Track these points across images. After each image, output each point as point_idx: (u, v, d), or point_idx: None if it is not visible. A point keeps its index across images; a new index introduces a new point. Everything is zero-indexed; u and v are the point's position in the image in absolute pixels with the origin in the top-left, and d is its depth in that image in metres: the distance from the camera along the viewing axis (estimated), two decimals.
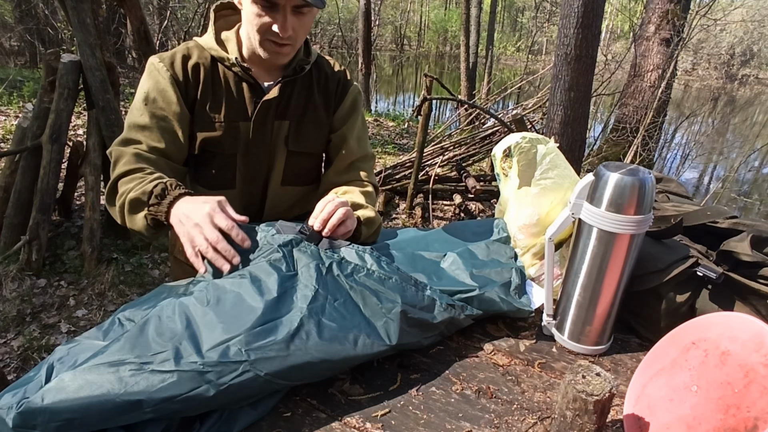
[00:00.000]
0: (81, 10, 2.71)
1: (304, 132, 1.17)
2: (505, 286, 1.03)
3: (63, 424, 0.63)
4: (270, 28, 1.00)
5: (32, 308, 2.58)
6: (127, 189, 0.97)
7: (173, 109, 1.05)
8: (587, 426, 0.67)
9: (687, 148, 7.79)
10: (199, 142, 1.10)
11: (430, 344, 0.94)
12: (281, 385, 0.76)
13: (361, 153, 1.23)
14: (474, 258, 1.09)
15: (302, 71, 1.14)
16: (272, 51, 1.04)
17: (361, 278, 0.89)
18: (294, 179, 1.21)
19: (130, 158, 1.01)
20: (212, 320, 0.75)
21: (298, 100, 1.15)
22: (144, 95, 1.05)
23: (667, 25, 5.83)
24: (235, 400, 0.73)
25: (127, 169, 0.99)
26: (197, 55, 1.09)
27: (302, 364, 0.75)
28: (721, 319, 0.75)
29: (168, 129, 1.05)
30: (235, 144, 1.11)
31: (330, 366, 0.78)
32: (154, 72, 1.06)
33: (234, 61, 1.07)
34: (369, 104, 9.40)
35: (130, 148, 1.02)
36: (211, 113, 1.09)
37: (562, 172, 1.18)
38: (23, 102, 5.25)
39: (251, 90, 1.11)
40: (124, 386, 0.66)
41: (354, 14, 17.34)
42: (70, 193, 3.25)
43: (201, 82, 1.08)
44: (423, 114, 3.87)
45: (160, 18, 9.41)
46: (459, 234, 1.19)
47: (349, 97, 1.22)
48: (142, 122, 1.04)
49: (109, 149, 1.07)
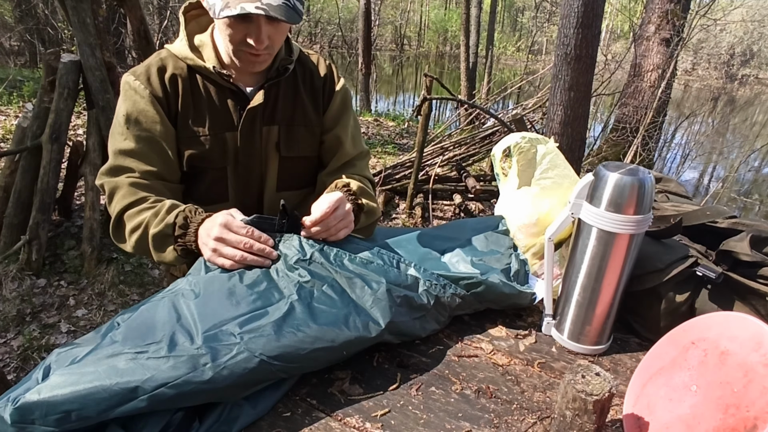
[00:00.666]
0: (81, 10, 2.72)
1: (295, 135, 1.12)
2: (505, 271, 1.05)
3: (61, 417, 0.64)
4: (244, 39, 0.94)
5: (32, 308, 2.58)
6: (140, 223, 0.95)
7: (158, 129, 0.99)
8: (587, 426, 0.67)
9: (687, 148, 7.80)
10: (186, 159, 1.04)
11: (427, 336, 0.95)
12: (277, 369, 0.75)
13: (356, 152, 1.20)
14: (474, 249, 1.12)
15: (286, 72, 1.08)
16: (248, 61, 0.99)
17: (345, 263, 0.92)
18: (289, 184, 1.17)
19: (127, 190, 0.97)
20: (204, 311, 0.77)
21: (285, 103, 1.10)
22: (125, 118, 0.99)
23: (667, 25, 5.83)
24: (233, 388, 0.72)
25: (129, 201, 0.97)
26: (172, 65, 1.01)
27: (295, 344, 0.76)
28: (720, 319, 0.75)
29: (156, 150, 1.00)
30: (224, 157, 1.06)
31: (325, 350, 0.79)
32: (131, 92, 0.99)
33: (212, 70, 1.01)
34: (369, 104, 9.39)
35: (122, 178, 0.98)
36: (194, 127, 1.03)
37: (561, 172, 1.18)
38: (23, 102, 5.25)
39: (234, 97, 1.05)
40: (119, 375, 0.66)
41: (354, 14, 17.36)
42: (70, 193, 3.25)
43: (180, 95, 1.02)
44: (423, 114, 3.87)
45: (160, 18, 9.41)
46: (458, 232, 1.20)
47: (338, 95, 1.17)
48: (127, 147, 0.98)
49: (98, 181, 1.01)
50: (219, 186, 1.10)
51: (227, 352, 0.72)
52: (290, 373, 0.79)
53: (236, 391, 0.73)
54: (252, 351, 0.73)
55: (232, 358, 0.71)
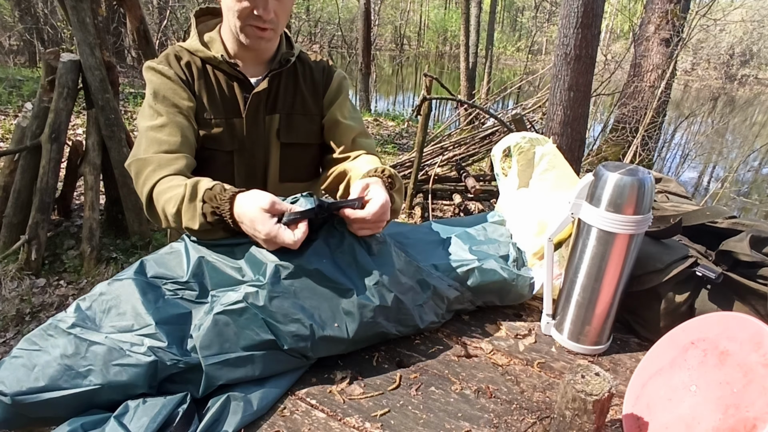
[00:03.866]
0: (80, 10, 2.71)
1: (294, 123, 1.19)
2: (503, 258, 1.08)
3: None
4: (251, 12, 1.02)
5: (31, 308, 2.58)
6: (178, 189, 0.93)
7: (185, 104, 1.06)
8: (586, 425, 0.67)
9: (686, 148, 7.79)
10: (201, 140, 1.10)
11: (426, 335, 0.96)
12: (273, 321, 0.78)
13: (360, 128, 1.23)
14: (472, 238, 1.13)
15: (288, 63, 1.16)
16: (254, 36, 1.06)
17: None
18: (292, 175, 1.22)
19: (157, 163, 0.98)
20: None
21: (286, 93, 1.17)
22: (152, 96, 1.05)
23: (667, 25, 5.83)
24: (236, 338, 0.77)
25: (162, 175, 0.97)
26: (186, 56, 1.11)
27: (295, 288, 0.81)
28: (720, 319, 0.75)
29: (184, 123, 1.05)
30: (232, 141, 1.13)
31: (321, 305, 0.82)
32: (156, 74, 1.07)
33: (221, 59, 1.09)
34: (369, 104, 9.38)
35: (151, 155, 0.99)
36: (207, 111, 1.10)
37: (560, 173, 1.18)
38: (22, 101, 5.24)
39: (241, 86, 1.13)
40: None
41: (354, 14, 17.34)
42: (70, 193, 3.25)
43: (195, 80, 1.10)
44: (422, 114, 3.87)
45: (159, 17, 9.41)
46: (456, 225, 1.22)
47: (335, 81, 1.24)
48: (157, 123, 1.02)
49: (128, 161, 1.03)
50: (226, 170, 1.15)
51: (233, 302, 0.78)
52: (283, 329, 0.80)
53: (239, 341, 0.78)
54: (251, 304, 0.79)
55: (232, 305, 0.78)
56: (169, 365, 0.72)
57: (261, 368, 0.78)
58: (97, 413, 0.70)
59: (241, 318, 0.77)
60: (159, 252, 0.88)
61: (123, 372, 0.70)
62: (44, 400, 0.67)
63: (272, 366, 0.80)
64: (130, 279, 0.80)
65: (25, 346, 0.72)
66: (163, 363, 0.72)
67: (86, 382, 0.69)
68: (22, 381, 0.68)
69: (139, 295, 0.77)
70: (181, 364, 0.73)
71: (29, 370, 0.69)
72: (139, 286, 0.79)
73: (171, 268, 0.84)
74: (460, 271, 0.99)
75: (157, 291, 0.80)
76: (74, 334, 0.72)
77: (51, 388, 0.67)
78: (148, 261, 0.85)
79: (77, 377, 0.69)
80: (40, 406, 0.67)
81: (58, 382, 0.68)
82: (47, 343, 0.72)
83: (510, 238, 1.16)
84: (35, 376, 0.68)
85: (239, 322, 0.77)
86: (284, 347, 0.79)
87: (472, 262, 1.01)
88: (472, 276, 1.00)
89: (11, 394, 0.66)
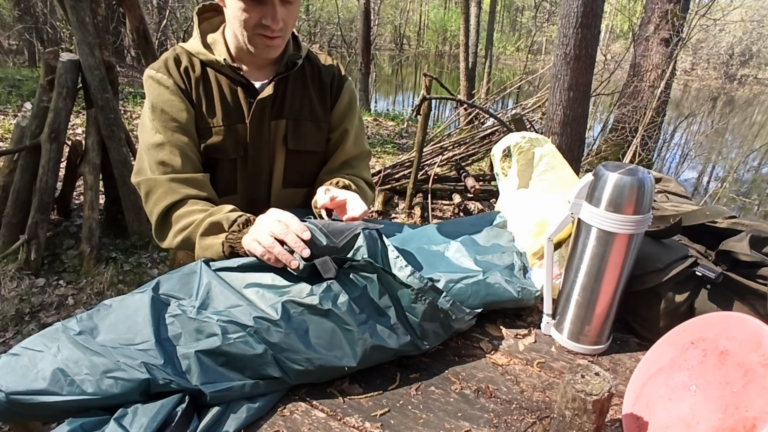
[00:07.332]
0: (80, 9, 2.71)
1: (302, 130, 1.15)
2: (508, 268, 1.06)
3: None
4: (259, 22, 0.98)
5: (31, 308, 2.58)
6: (190, 222, 0.96)
7: (184, 117, 1.03)
8: (586, 425, 0.67)
9: (686, 148, 7.80)
10: (203, 150, 1.07)
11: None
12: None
13: (356, 151, 1.22)
14: (476, 244, 1.11)
15: (294, 66, 1.12)
16: (263, 45, 1.03)
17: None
18: (296, 181, 1.19)
19: (168, 187, 0.99)
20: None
21: (294, 97, 1.13)
22: (150, 110, 1.03)
23: (667, 25, 5.83)
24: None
25: (174, 200, 0.99)
26: (186, 60, 1.06)
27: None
28: (719, 319, 0.75)
29: (185, 139, 1.03)
30: (236, 148, 1.09)
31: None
32: (154, 84, 1.04)
33: (224, 63, 1.05)
34: (368, 104, 9.38)
35: (160, 176, 1.00)
36: (208, 118, 1.07)
37: (559, 173, 1.18)
38: (22, 101, 5.24)
39: (244, 91, 1.09)
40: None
41: (354, 14, 17.33)
42: (69, 193, 3.25)
43: (194, 86, 1.06)
44: (422, 113, 3.87)
45: (159, 17, 9.40)
46: (457, 228, 1.20)
47: (346, 93, 1.21)
48: (158, 140, 1.01)
49: (134, 179, 1.03)
50: (229, 177, 1.12)
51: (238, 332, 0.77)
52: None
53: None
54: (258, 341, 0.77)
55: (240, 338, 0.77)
56: (161, 384, 0.71)
57: (263, 390, 0.79)
58: (97, 414, 0.70)
59: (249, 352, 0.76)
60: (175, 272, 0.88)
61: (116, 385, 0.69)
62: (39, 402, 0.67)
63: (274, 387, 0.80)
64: (142, 294, 0.80)
65: (29, 346, 0.72)
66: (155, 381, 0.71)
67: (80, 391, 0.68)
68: (21, 381, 0.67)
69: (148, 311, 0.77)
70: (173, 385, 0.71)
71: (29, 370, 0.68)
72: (151, 303, 0.79)
73: (183, 289, 0.84)
74: (464, 284, 0.96)
75: (165, 309, 0.80)
76: (79, 341, 0.72)
77: (47, 392, 0.67)
78: (164, 279, 0.86)
79: (73, 384, 0.68)
80: (34, 407, 0.67)
81: (55, 387, 0.68)
82: (52, 346, 0.71)
83: (513, 242, 1.15)
84: (33, 378, 0.68)
85: (246, 357, 0.76)
86: (291, 383, 0.80)
87: (477, 274, 0.98)
88: (478, 296, 0.97)
89: (7, 393, 0.66)
